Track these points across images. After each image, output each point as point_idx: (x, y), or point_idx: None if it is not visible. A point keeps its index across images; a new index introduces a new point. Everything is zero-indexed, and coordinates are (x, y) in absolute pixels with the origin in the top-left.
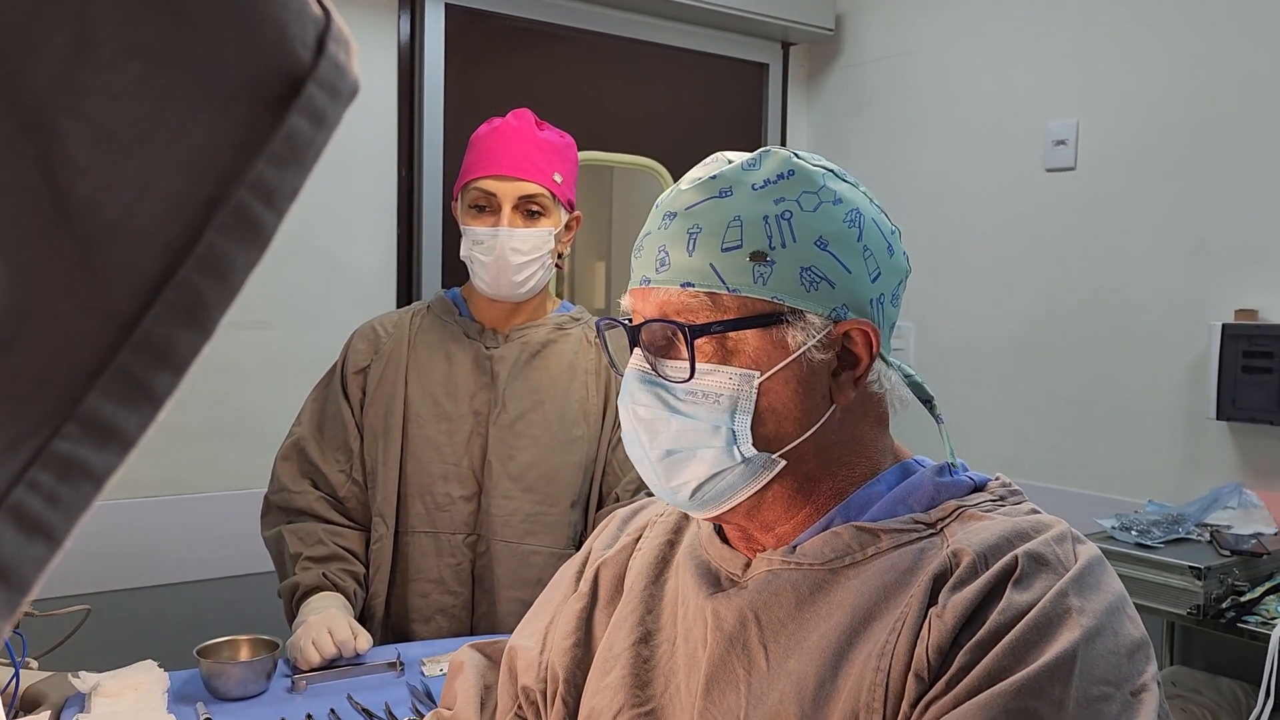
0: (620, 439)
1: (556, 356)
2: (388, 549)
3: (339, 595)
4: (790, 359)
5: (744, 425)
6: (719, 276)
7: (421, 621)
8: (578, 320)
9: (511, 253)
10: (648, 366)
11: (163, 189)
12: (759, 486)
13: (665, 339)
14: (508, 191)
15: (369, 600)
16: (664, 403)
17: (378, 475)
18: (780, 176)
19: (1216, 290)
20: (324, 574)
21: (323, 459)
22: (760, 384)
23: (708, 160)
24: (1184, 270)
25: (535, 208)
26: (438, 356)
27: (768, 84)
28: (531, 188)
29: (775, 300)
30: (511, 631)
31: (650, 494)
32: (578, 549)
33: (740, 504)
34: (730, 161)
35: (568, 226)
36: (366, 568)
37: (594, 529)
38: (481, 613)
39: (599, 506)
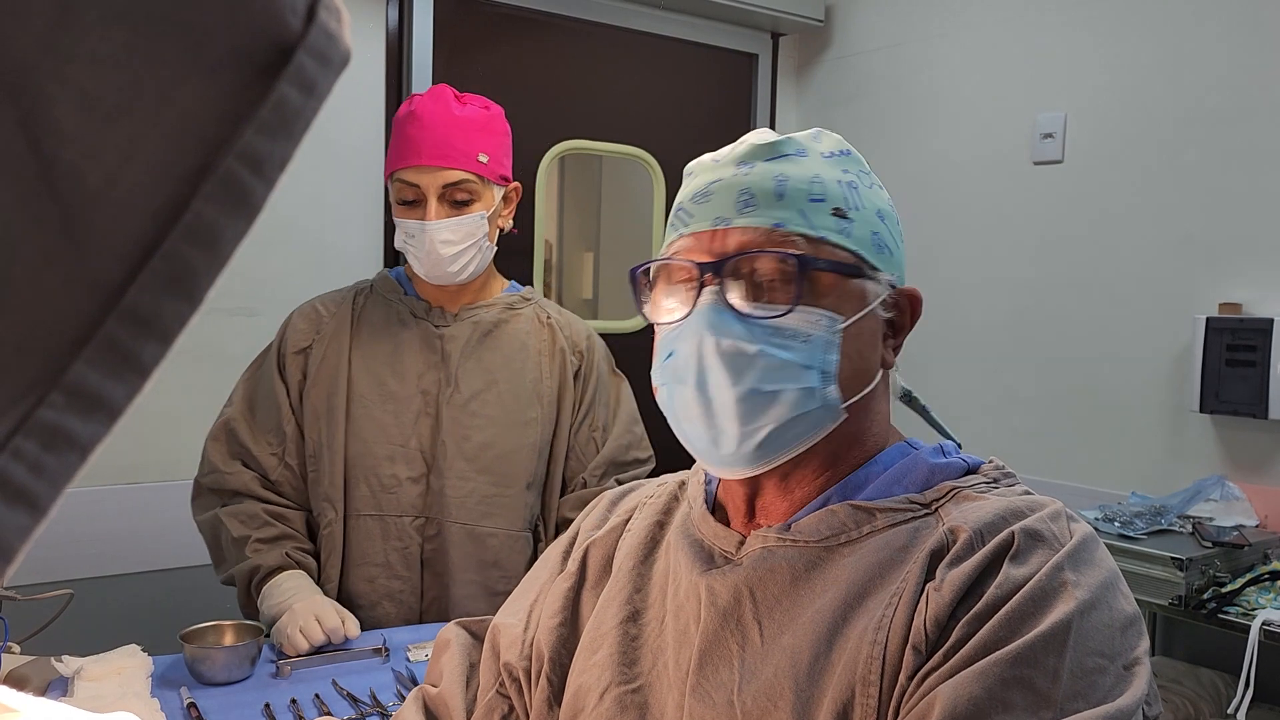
0: (583, 423)
1: (509, 336)
2: (338, 534)
3: (304, 574)
4: (867, 310)
5: (833, 366)
6: (809, 223)
7: (367, 608)
8: (528, 300)
9: (441, 245)
10: (725, 303)
11: (148, 157)
12: (820, 437)
13: (757, 274)
14: (430, 182)
15: (322, 587)
16: (754, 337)
17: (322, 459)
18: (841, 152)
19: (1201, 283)
20: (286, 553)
21: (253, 441)
22: (843, 329)
23: (750, 134)
24: (1169, 263)
25: (462, 196)
26: (383, 336)
27: (757, 74)
28: (455, 175)
29: (857, 253)
30: (466, 614)
31: (619, 478)
32: (533, 531)
33: (785, 462)
34: (780, 136)
35: (506, 199)
36: (315, 549)
37: (556, 513)
38: (432, 598)
39: (562, 491)
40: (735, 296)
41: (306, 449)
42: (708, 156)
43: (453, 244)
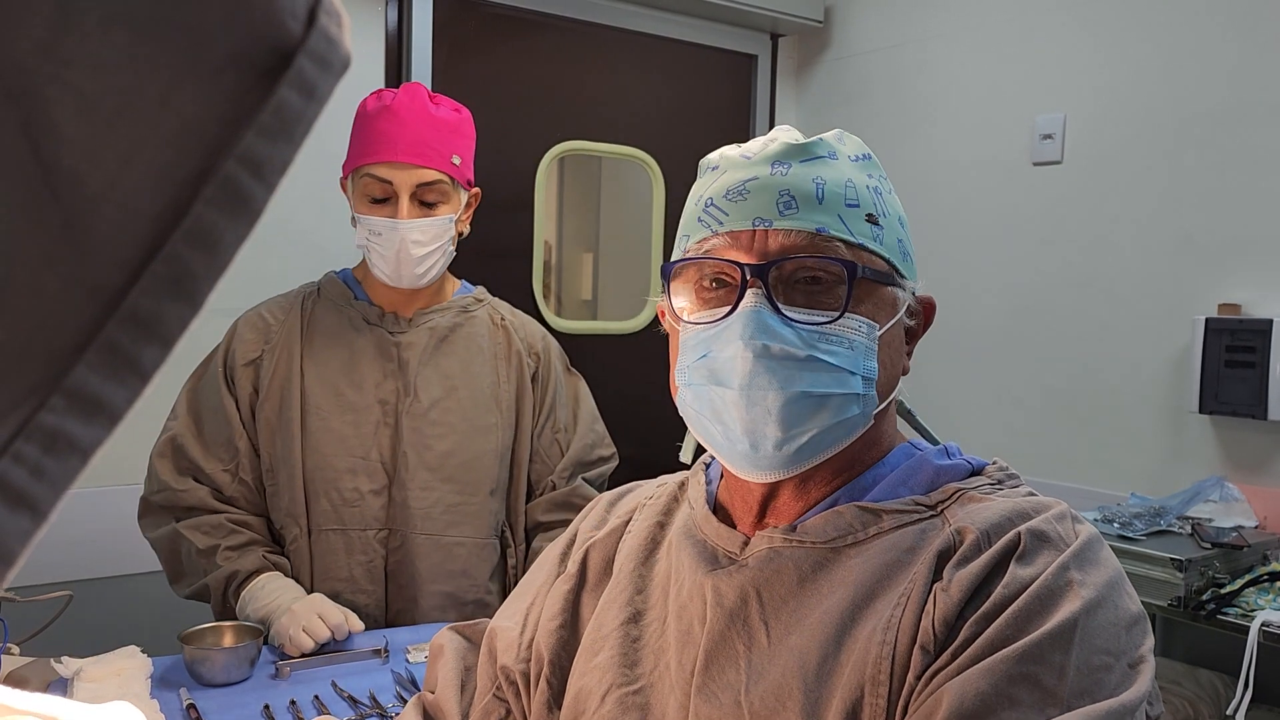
0: (545, 425)
1: (465, 340)
2: (305, 550)
3: (283, 575)
4: (897, 318)
5: (874, 373)
6: (848, 229)
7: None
8: (481, 301)
9: (412, 245)
10: (772, 306)
11: (148, 160)
12: (851, 442)
13: (799, 278)
14: (404, 180)
15: None
16: (804, 342)
17: (279, 474)
18: (865, 156)
19: (1200, 284)
20: (263, 556)
21: (204, 458)
22: (880, 335)
23: (776, 132)
24: (1168, 264)
25: (433, 197)
26: (336, 344)
27: (756, 75)
28: (430, 174)
29: (889, 260)
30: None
31: (585, 477)
32: (500, 539)
33: (811, 467)
34: (809, 136)
35: (467, 205)
36: (284, 552)
37: (524, 518)
38: (397, 610)
39: (529, 496)
40: (781, 300)
41: (262, 464)
42: (732, 150)
43: (423, 245)
